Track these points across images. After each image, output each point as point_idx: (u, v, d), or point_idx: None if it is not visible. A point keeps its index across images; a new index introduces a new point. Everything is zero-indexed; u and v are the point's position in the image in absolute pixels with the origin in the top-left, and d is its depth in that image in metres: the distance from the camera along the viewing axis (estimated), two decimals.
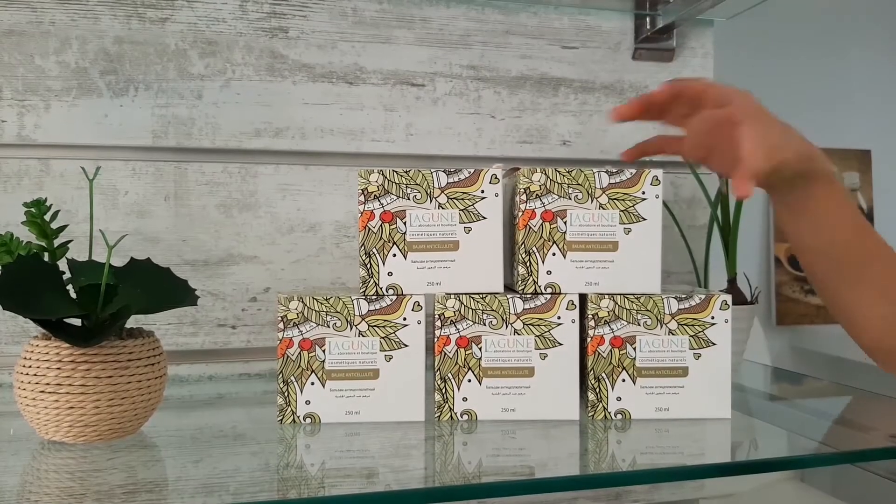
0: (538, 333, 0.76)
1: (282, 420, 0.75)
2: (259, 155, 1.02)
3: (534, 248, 0.77)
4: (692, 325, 0.77)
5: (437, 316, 0.76)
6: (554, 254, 0.77)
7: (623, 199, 0.77)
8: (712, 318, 0.77)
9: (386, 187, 0.76)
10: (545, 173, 0.77)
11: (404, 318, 0.76)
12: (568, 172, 0.77)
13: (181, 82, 0.99)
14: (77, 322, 0.69)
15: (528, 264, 0.77)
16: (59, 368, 0.64)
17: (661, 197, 0.77)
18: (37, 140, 0.95)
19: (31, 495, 0.58)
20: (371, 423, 0.75)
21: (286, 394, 0.75)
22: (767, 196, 0.70)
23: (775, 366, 1.65)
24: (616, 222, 0.77)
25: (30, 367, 0.65)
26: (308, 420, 0.75)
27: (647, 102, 0.69)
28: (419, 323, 0.76)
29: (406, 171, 0.76)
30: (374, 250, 0.76)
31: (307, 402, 0.75)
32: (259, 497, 0.58)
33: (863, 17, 1.79)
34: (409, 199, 0.76)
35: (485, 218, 0.77)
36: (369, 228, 0.76)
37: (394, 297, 0.76)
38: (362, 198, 0.76)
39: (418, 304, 0.76)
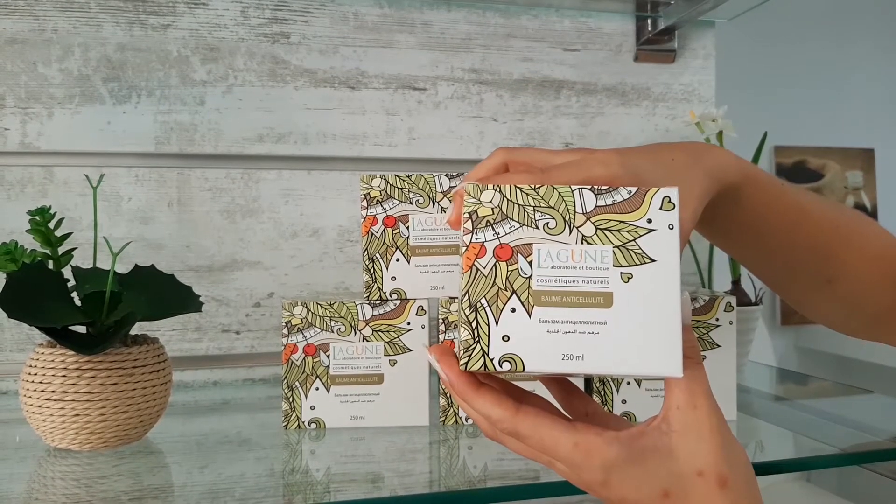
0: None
1: (287, 425, 0.75)
2: (261, 160, 1.02)
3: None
4: (697, 328, 0.77)
5: (440, 320, 0.76)
6: None
7: None
8: (717, 319, 0.77)
9: (388, 192, 0.76)
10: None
11: (408, 323, 0.76)
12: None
13: (183, 89, 1.00)
14: (82, 329, 0.69)
15: None
16: (64, 376, 0.64)
17: None
18: (40, 148, 0.96)
19: (37, 502, 0.58)
20: (376, 428, 0.75)
21: (291, 399, 0.75)
22: None
23: (780, 366, 1.65)
24: None
25: (35, 374, 0.65)
26: (313, 425, 0.76)
27: None
28: (423, 327, 0.76)
29: (408, 176, 0.76)
30: (378, 255, 0.76)
31: (312, 408, 0.75)
32: (264, 503, 0.58)
33: (865, 17, 1.79)
34: (411, 203, 0.76)
35: None
36: (372, 233, 0.76)
37: (397, 302, 0.76)
38: (365, 203, 0.76)
39: (422, 309, 0.76)
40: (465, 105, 1.09)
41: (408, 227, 0.76)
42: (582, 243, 0.44)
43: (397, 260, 0.76)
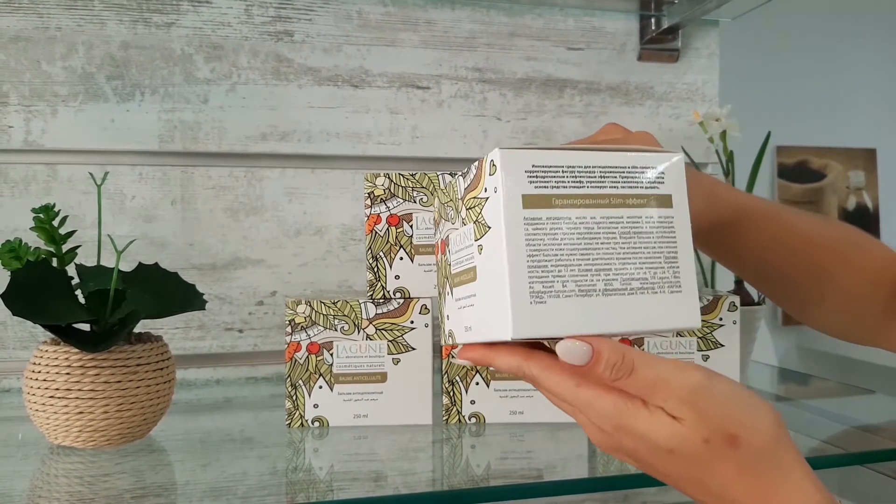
0: None
1: (290, 424, 0.75)
2: (265, 158, 1.02)
3: None
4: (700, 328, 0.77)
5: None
6: None
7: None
8: (720, 319, 0.77)
9: (392, 191, 0.76)
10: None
11: (412, 322, 0.76)
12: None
13: (187, 87, 1.00)
14: (86, 327, 0.69)
15: None
16: (68, 373, 0.64)
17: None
18: (44, 145, 0.96)
19: (40, 500, 0.58)
20: (379, 427, 0.75)
21: (294, 397, 0.75)
22: (772, 192, 0.70)
23: (782, 366, 1.65)
24: None
25: (39, 372, 0.65)
26: (316, 423, 0.76)
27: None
28: (427, 326, 0.76)
29: (412, 175, 0.76)
30: (381, 254, 0.76)
31: (315, 406, 0.75)
32: (267, 501, 0.58)
33: (868, 17, 1.78)
34: (415, 202, 0.76)
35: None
36: (376, 232, 0.76)
37: (401, 301, 0.76)
38: (368, 201, 0.76)
39: (426, 308, 0.76)
40: (468, 104, 1.09)
41: (411, 226, 0.76)
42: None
43: (401, 258, 0.76)
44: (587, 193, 0.42)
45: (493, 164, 0.42)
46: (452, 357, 0.64)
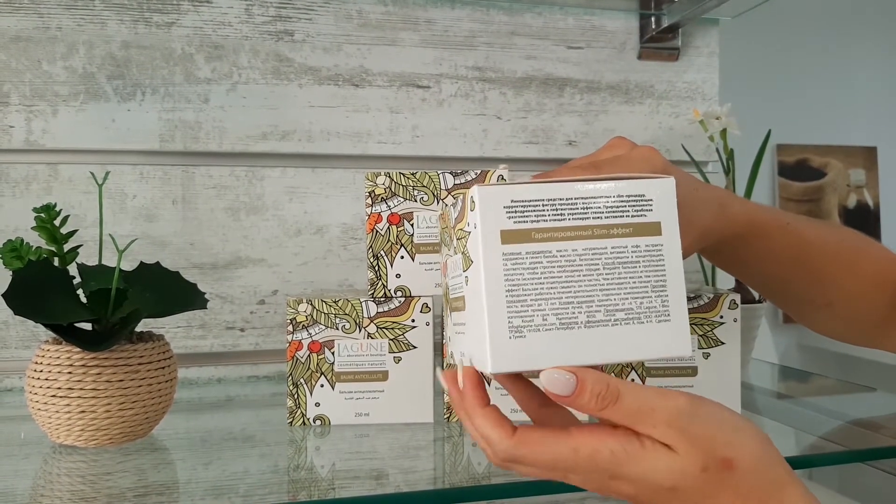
0: None
1: (291, 422, 0.76)
2: (266, 158, 1.03)
3: None
4: (701, 325, 0.77)
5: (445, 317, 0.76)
6: None
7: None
8: (721, 317, 0.77)
9: (393, 189, 0.76)
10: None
11: (413, 320, 0.76)
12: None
13: (188, 86, 1.00)
14: (87, 326, 0.70)
15: None
16: (70, 373, 0.64)
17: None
18: (45, 145, 0.96)
19: (42, 499, 0.58)
20: (380, 425, 0.76)
21: (296, 396, 0.76)
22: (772, 190, 0.70)
23: (782, 364, 1.65)
24: None
25: (41, 371, 0.65)
26: (318, 422, 0.76)
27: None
28: (428, 324, 0.76)
29: (413, 174, 0.77)
30: (382, 252, 0.77)
31: (317, 404, 0.76)
32: (269, 499, 0.58)
33: (868, 15, 1.78)
34: (416, 200, 0.76)
35: None
36: (377, 231, 0.77)
37: (402, 299, 0.76)
38: (369, 200, 0.77)
39: (427, 306, 0.76)
40: (468, 103, 1.09)
41: (412, 225, 0.77)
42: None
43: (402, 257, 0.76)
44: (568, 226, 0.42)
45: (473, 201, 0.43)
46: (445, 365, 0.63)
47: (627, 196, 0.43)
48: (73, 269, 0.70)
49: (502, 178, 0.76)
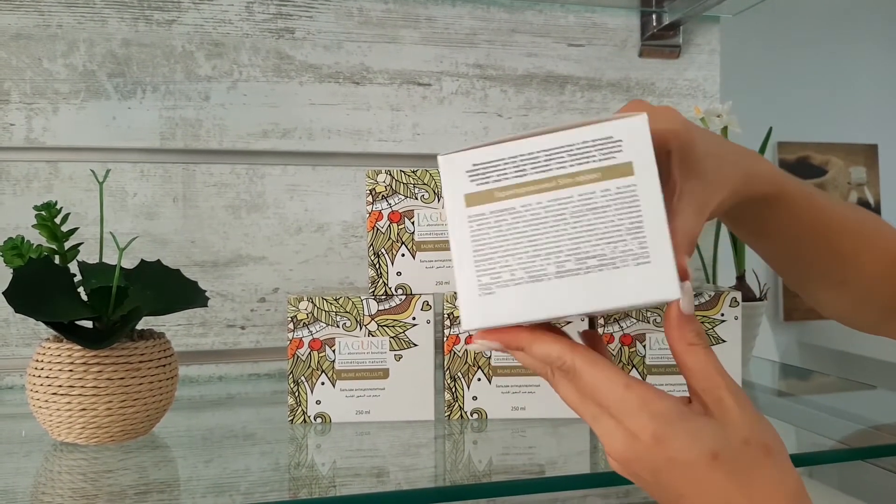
0: None
1: (292, 420, 0.76)
2: (266, 156, 1.03)
3: None
4: (702, 323, 0.77)
5: (446, 315, 0.76)
6: None
7: None
8: (722, 315, 0.77)
9: (394, 187, 0.76)
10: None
11: (413, 318, 0.76)
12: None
13: (188, 84, 1.00)
14: (88, 324, 0.70)
15: None
16: (71, 370, 0.64)
17: None
18: (45, 143, 0.96)
19: (43, 496, 0.58)
20: (381, 423, 0.76)
21: (297, 394, 0.76)
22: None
23: (783, 361, 1.65)
24: None
25: (42, 369, 0.66)
26: (319, 420, 0.76)
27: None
28: (428, 322, 0.76)
29: (413, 171, 0.76)
30: (383, 250, 0.76)
31: (318, 402, 0.76)
32: (269, 497, 0.58)
33: (870, 13, 1.78)
34: (416, 198, 0.76)
35: None
36: (377, 228, 0.77)
37: (403, 297, 0.76)
38: (370, 198, 0.77)
39: (427, 304, 0.76)
40: (469, 100, 1.09)
41: (413, 223, 0.77)
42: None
43: (402, 255, 0.76)
44: (530, 180, 0.42)
45: (439, 171, 0.43)
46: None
47: (593, 141, 0.42)
48: (73, 267, 0.70)
49: None
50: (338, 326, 0.75)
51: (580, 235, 0.41)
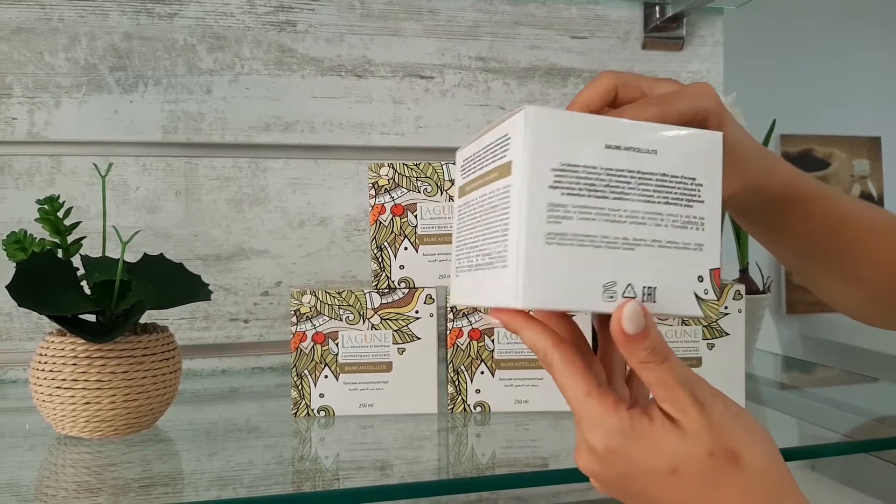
0: None
1: (296, 413, 0.76)
2: (269, 149, 1.02)
3: None
4: (707, 315, 0.77)
5: (449, 308, 0.76)
6: None
7: None
8: (725, 308, 0.77)
9: (396, 181, 0.76)
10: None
11: (416, 311, 0.76)
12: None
13: (190, 77, 1.00)
14: (92, 318, 0.70)
15: None
16: (74, 364, 0.65)
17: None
18: (47, 137, 0.96)
19: (47, 489, 0.59)
20: (384, 416, 0.76)
21: (300, 387, 0.76)
22: None
23: (786, 354, 1.65)
24: None
25: (45, 363, 0.66)
26: (322, 413, 0.76)
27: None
28: (431, 315, 0.76)
29: (416, 165, 0.76)
30: (386, 244, 0.76)
31: (321, 396, 0.76)
32: (273, 490, 0.58)
33: (873, 5, 1.77)
34: (419, 192, 0.76)
35: None
36: (380, 222, 0.76)
37: (406, 290, 0.76)
38: (373, 191, 0.76)
39: (430, 297, 0.76)
40: (472, 93, 1.09)
41: (416, 216, 0.76)
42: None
43: (405, 248, 0.76)
44: (476, 176, 0.44)
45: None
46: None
47: (497, 139, 0.41)
48: (76, 261, 0.70)
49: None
50: (341, 320, 0.75)
51: (484, 233, 0.43)
